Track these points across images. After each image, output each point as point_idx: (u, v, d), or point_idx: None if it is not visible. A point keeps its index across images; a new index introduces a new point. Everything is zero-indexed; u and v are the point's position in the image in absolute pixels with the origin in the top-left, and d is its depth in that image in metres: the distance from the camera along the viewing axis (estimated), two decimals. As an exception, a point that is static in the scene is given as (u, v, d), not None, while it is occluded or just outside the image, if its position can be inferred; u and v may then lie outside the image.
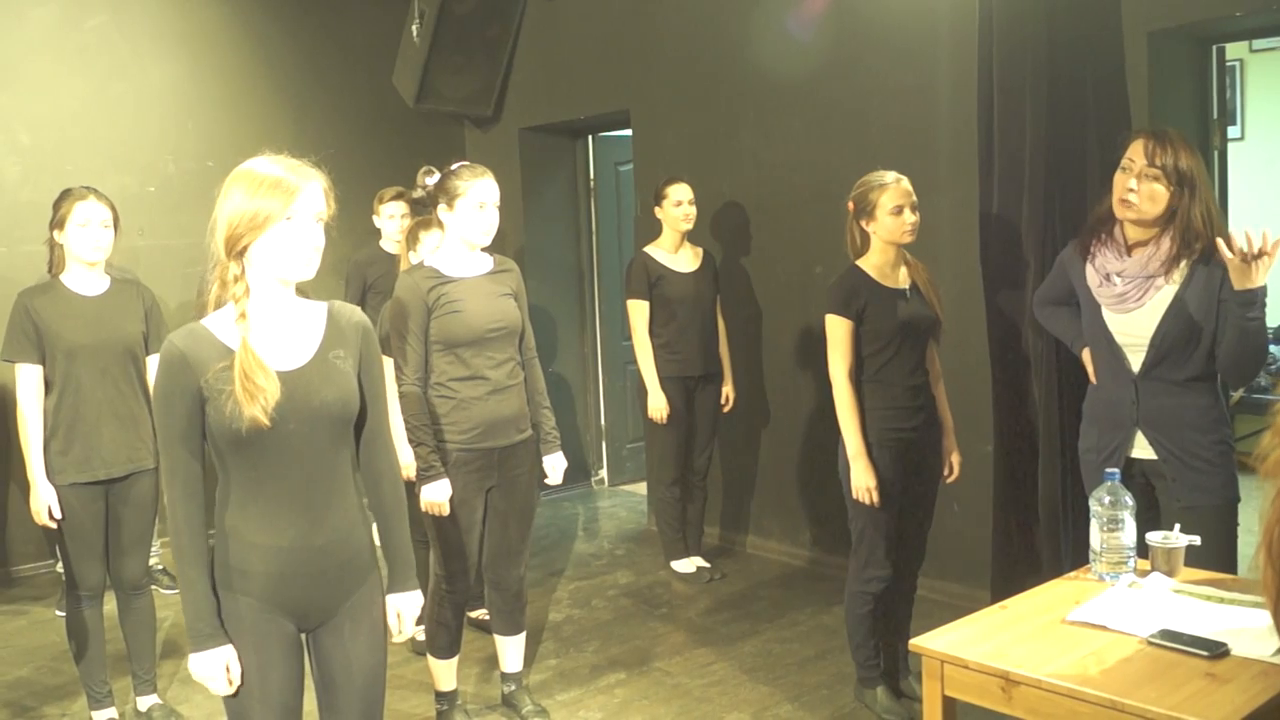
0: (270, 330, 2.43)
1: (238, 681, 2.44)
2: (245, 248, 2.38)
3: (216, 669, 2.41)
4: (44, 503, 3.90)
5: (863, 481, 3.76)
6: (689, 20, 6.20)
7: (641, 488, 7.25)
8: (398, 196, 5.61)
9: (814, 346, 5.36)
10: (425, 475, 3.75)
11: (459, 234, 3.80)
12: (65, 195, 4.03)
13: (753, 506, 6.18)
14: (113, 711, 4.20)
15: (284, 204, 2.36)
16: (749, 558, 6.07)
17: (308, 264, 2.42)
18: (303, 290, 2.54)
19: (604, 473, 7.87)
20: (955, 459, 4.08)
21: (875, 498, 3.76)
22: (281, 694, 2.48)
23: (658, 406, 5.47)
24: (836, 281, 3.89)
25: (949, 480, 4.10)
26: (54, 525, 3.95)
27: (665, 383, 5.50)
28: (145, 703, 4.26)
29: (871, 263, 3.86)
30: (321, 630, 2.55)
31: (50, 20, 6.33)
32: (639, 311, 5.53)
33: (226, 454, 2.41)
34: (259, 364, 2.35)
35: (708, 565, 5.77)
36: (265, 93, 7.02)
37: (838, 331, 3.82)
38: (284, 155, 2.46)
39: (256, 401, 2.33)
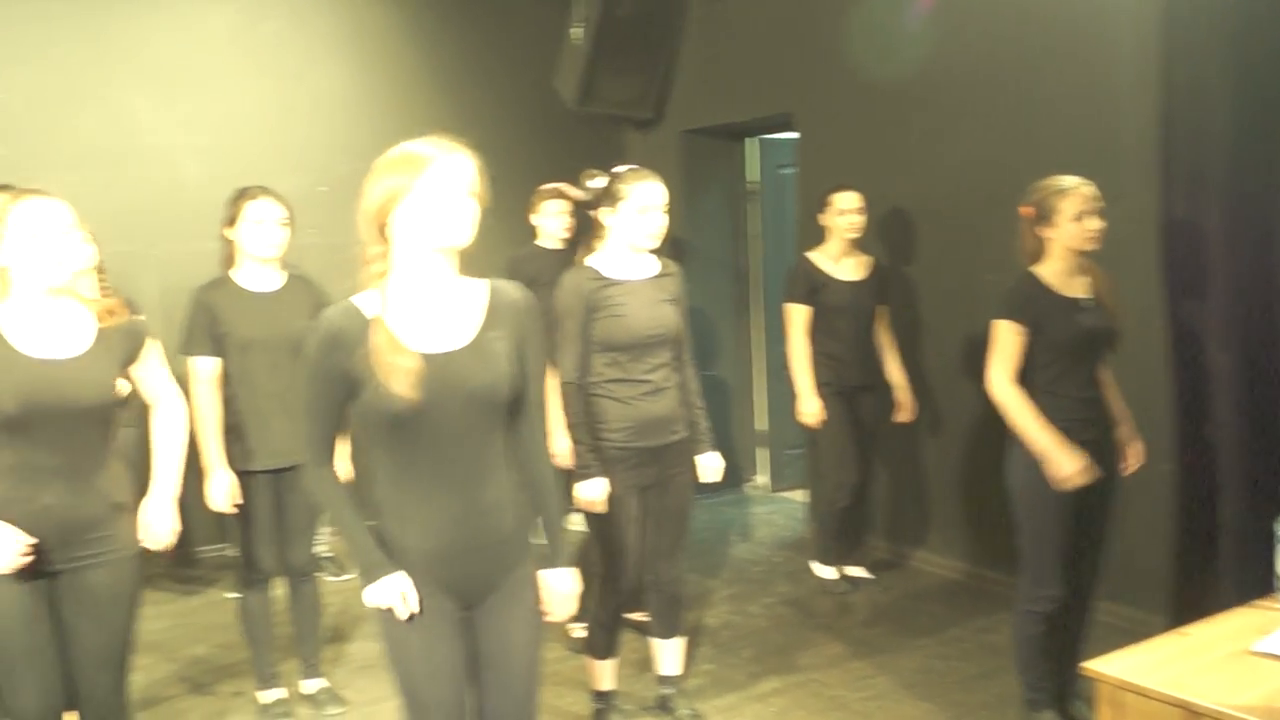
0: (425, 309, 2.45)
1: (415, 607, 2.47)
2: (384, 224, 2.41)
3: (393, 594, 2.46)
4: (223, 489, 4.04)
5: (1068, 468, 3.57)
6: (854, 19, 6.09)
7: (801, 495, 7.19)
8: (556, 194, 5.68)
9: (980, 356, 5.20)
10: (581, 473, 3.77)
11: (623, 237, 3.81)
12: (240, 194, 4.17)
13: (914, 518, 6.06)
14: (281, 693, 4.35)
15: (413, 175, 2.38)
16: (909, 570, 5.96)
17: (450, 231, 2.40)
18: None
19: (763, 477, 7.83)
20: (1135, 449, 3.88)
21: (1088, 477, 3.58)
22: (449, 669, 2.53)
23: (810, 411, 5.40)
24: (1011, 288, 3.76)
25: (1129, 472, 3.91)
26: (234, 510, 4.09)
27: (823, 389, 5.43)
28: (311, 686, 4.41)
29: (1049, 270, 3.73)
30: (479, 609, 2.59)
31: (229, 24, 6.62)
32: (797, 316, 5.47)
33: (379, 433, 2.45)
34: (392, 340, 2.37)
35: (866, 575, 5.70)
36: (431, 94, 7.18)
37: (1007, 338, 3.70)
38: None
39: (397, 377, 2.35)
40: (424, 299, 2.45)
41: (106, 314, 3.03)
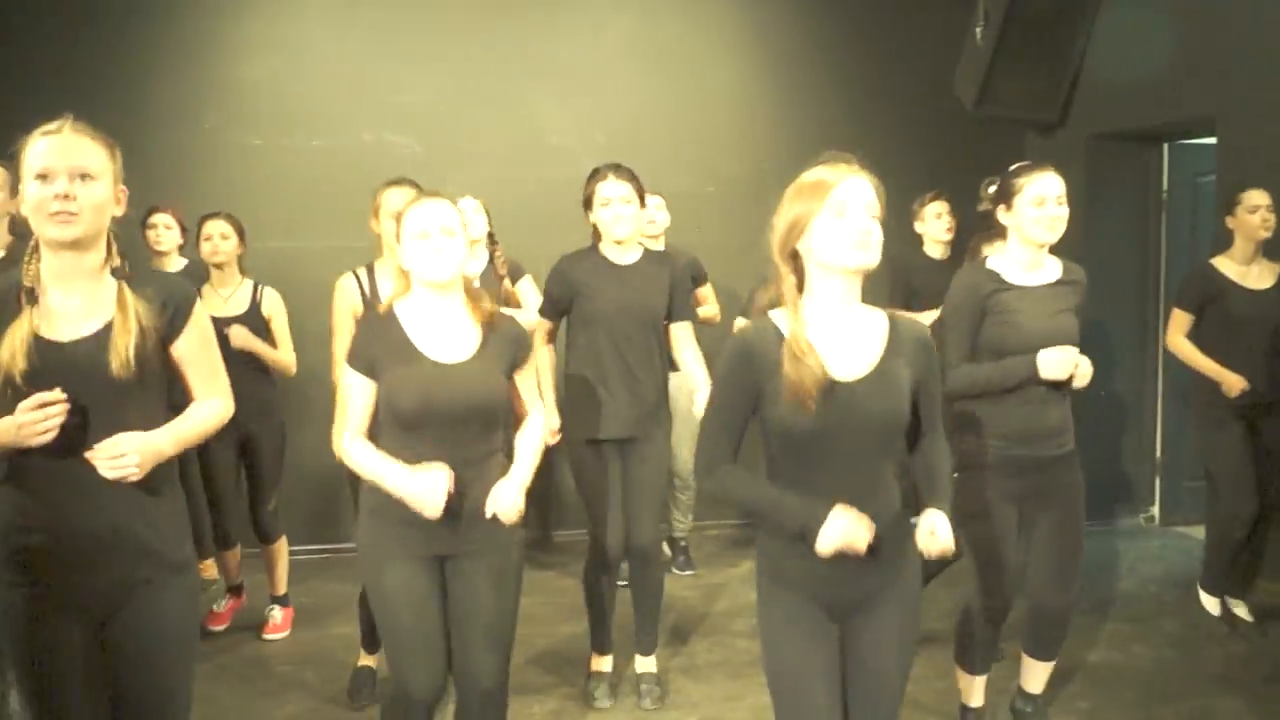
0: (831, 334, 2.51)
1: (870, 535, 2.45)
2: (795, 248, 2.50)
3: (847, 526, 2.43)
4: (551, 424, 4.25)
5: None
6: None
7: (1199, 531, 6.58)
8: (937, 196, 5.67)
9: None
10: None
11: (1021, 235, 3.65)
12: (592, 174, 4.32)
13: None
14: (607, 663, 4.52)
15: (820, 200, 2.46)
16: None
17: (854, 253, 2.45)
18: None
19: (1155, 509, 7.25)
20: None
21: None
22: (826, 682, 2.57)
23: (1235, 386, 4.91)
24: None
25: None
26: (555, 439, 4.25)
27: (1221, 408, 4.99)
28: (641, 665, 4.52)
29: None
30: (851, 624, 2.62)
31: (629, 28, 6.88)
32: (1179, 323, 5.12)
33: (776, 445, 2.54)
34: (809, 365, 2.43)
35: (1247, 618, 5.18)
36: (822, 95, 7.14)
37: None
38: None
39: (806, 401, 2.42)
40: (830, 324, 2.52)
41: (489, 324, 3.11)
